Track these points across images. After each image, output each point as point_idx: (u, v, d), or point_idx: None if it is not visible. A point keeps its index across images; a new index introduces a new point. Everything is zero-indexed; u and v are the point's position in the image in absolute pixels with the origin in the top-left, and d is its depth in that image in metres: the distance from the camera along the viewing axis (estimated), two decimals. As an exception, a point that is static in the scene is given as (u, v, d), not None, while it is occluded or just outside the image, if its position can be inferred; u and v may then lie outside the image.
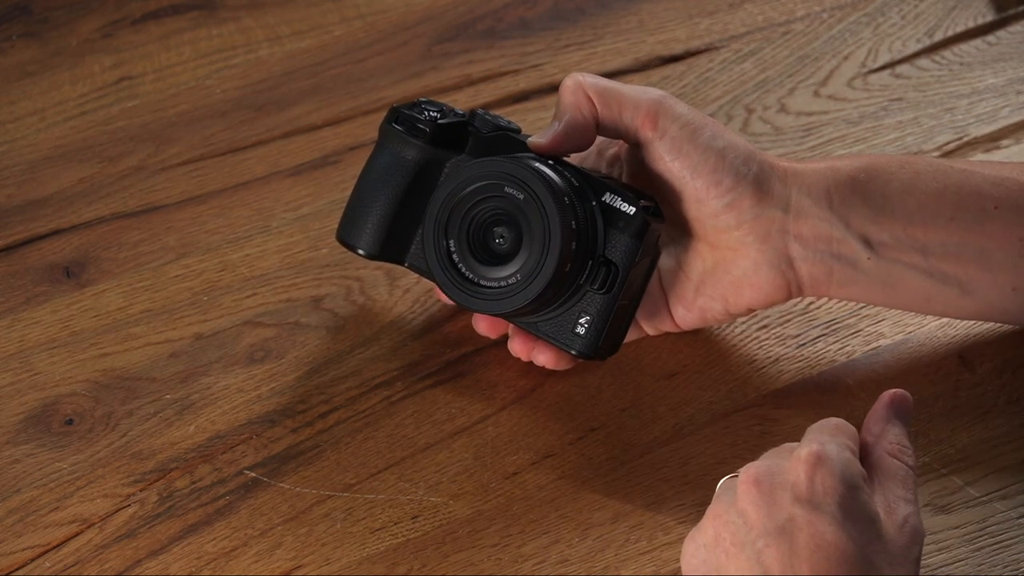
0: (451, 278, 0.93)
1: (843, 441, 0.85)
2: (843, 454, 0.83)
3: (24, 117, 1.15)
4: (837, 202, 0.94)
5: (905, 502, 0.84)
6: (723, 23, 1.22)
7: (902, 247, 0.95)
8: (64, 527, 0.92)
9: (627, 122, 0.94)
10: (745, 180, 0.94)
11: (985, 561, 0.91)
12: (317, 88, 1.17)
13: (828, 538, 0.80)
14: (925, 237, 0.94)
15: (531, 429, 0.96)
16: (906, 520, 0.83)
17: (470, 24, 1.22)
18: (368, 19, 1.22)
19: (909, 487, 0.85)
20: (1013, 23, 1.21)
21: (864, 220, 0.94)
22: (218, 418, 0.97)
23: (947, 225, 0.94)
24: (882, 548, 0.82)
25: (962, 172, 0.96)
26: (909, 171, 0.95)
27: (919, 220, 0.94)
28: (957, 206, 0.95)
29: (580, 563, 0.91)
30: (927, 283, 0.96)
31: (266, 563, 0.91)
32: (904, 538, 0.83)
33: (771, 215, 0.94)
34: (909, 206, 0.94)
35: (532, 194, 0.91)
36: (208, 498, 0.94)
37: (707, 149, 0.94)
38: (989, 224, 0.95)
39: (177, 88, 1.17)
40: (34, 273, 1.05)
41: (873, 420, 0.88)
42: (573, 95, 0.94)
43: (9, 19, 1.21)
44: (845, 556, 0.80)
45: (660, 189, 0.95)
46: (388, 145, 0.97)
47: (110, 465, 0.95)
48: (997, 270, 0.95)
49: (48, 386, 0.99)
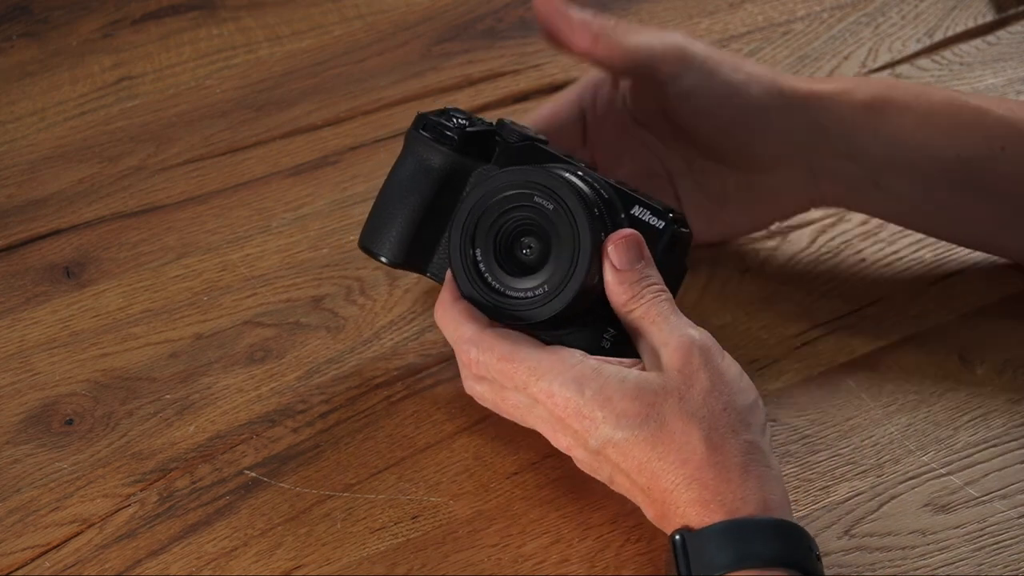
0: (476, 287, 0.91)
1: None
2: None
3: (24, 117, 1.15)
4: (854, 126, 0.98)
5: (666, 331, 0.87)
6: (723, 23, 1.22)
7: (909, 179, 0.98)
8: (64, 527, 0.92)
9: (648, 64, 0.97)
10: (768, 113, 0.97)
11: (985, 561, 0.91)
12: (317, 88, 1.17)
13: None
14: (930, 170, 0.98)
15: (531, 429, 0.96)
16: (681, 342, 0.86)
17: (470, 24, 1.22)
18: (368, 19, 1.22)
19: (661, 322, 0.88)
20: (1013, 23, 1.21)
21: (876, 153, 0.98)
22: (218, 418, 0.97)
23: (952, 163, 0.98)
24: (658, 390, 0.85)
25: (975, 111, 0.98)
26: (924, 104, 0.98)
27: (926, 154, 0.98)
28: (964, 145, 0.97)
29: (580, 563, 0.91)
30: (928, 207, 1.00)
31: (266, 563, 0.91)
32: (680, 356, 0.86)
33: (796, 142, 0.98)
34: (918, 139, 0.97)
35: (562, 204, 0.89)
36: (208, 498, 0.94)
37: (729, 84, 0.97)
38: (993, 163, 0.97)
39: (177, 88, 1.17)
40: (34, 273, 1.05)
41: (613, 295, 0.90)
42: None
43: (9, 19, 1.21)
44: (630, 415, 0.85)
45: (678, 119, 0.97)
46: (414, 151, 0.95)
47: (110, 465, 0.95)
48: (997, 204, 0.98)
49: (48, 386, 0.99)
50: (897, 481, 0.94)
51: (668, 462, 0.85)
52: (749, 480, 0.84)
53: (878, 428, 0.97)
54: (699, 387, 0.86)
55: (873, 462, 0.95)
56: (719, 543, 0.83)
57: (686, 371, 0.86)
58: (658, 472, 0.85)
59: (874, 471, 0.95)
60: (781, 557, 0.82)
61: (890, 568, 0.90)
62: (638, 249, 0.89)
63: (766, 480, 0.84)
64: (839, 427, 0.97)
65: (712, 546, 0.83)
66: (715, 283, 1.04)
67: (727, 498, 0.84)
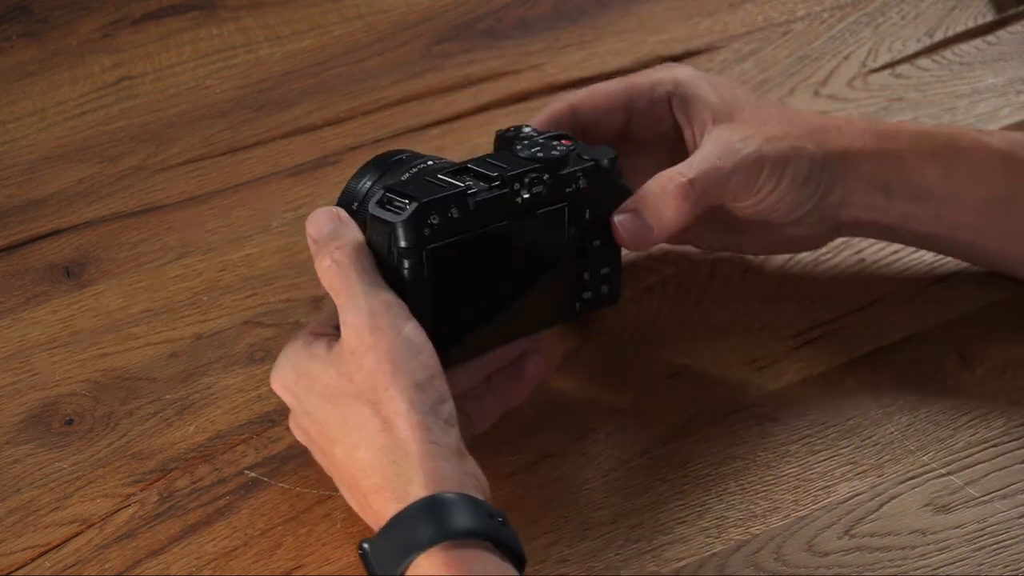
0: None
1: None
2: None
3: (24, 117, 1.15)
4: (884, 185, 0.98)
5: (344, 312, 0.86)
6: (723, 23, 1.22)
7: (930, 222, 0.99)
8: (64, 527, 0.92)
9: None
10: (808, 181, 0.97)
11: (985, 561, 0.91)
12: (317, 88, 1.17)
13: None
14: (957, 217, 0.99)
15: (531, 429, 0.96)
16: (356, 322, 0.85)
17: (470, 24, 1.22)
18: (368, 19, 1.22)
19: (341, 295, 0.87)
20: (1013, 23, 1.21)
21: (904, 201, 0.98)
22: (218, 418, 0.97)
23: (979, 207, 0.98)
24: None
25: (1002, 157, 0.98)
26: (952, 149, 0.98)
27: (953, 201, 0.98)
28: (991, 187, 0.98)
29: (580, 563, 0.91)
30: (954, 246, 1.02)
31: (266, 563, 0.91)
32: (353, 335, 0.85)
33: (827, 204, 0.98)
34: (947, 188, 0.98)
35: None
36: (208, 498, 0.94)
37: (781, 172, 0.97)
38: (1017, 206, 0.98)
39: (177, 88, 1.17)
40: (34, 273, 1.05)
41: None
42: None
43: (9, 19, 1.21)
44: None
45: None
46: None
47: (110, 465, 0.95)
48: (1020, 243, 1.00)
49: (48, 386, 0.99)
50: (897, 481, 0.94)
51: (346, 444, 0.85)
52: (416, 460, 0.82)
53: (878, 428, 0.97)
54: (368, 367, 0.84)
55: (873, 462, 0.95)
56: (388, 541, 0.81)
57: (360, 351, 0.85)
58: (341, 456, 0.85)
59: (874, 471, 0.95)
60: (439, 535, 0.80)
61: (890, 568, 0.90)
62: (325, 215, 0.89)
63: (434, 457, 0.82)
64: (839, 427, 0.97)
65: (384, 544, 0.81)
66: (716, 282, 1.04)
67: (395, 481, 0.82)
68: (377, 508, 0.83)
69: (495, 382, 0.93)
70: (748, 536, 0.92)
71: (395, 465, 0.82)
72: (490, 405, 0.93)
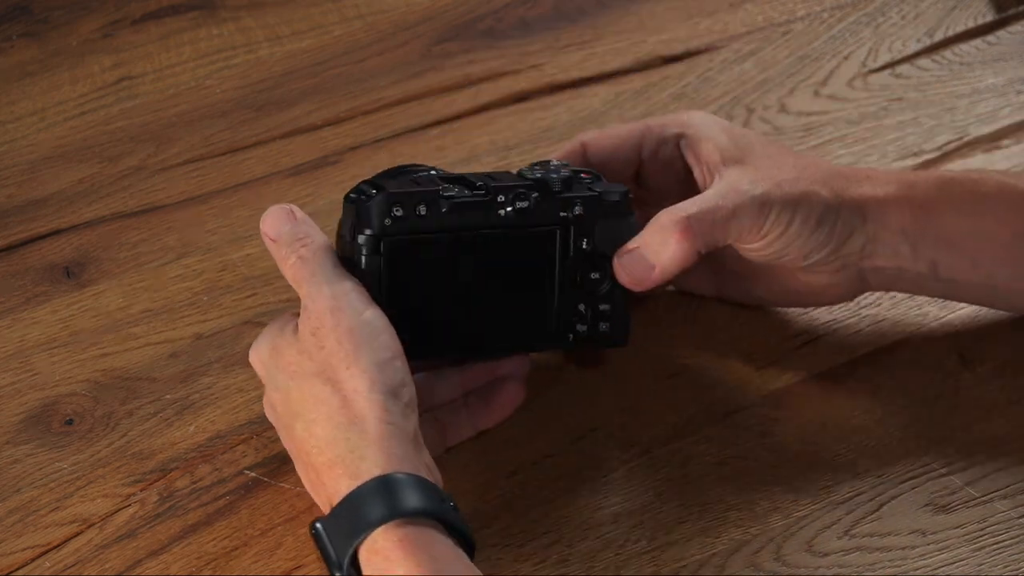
0: None
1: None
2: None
3: (24, 117, 1.15)
4: (910, 232, 0.95)
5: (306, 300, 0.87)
6: (723, 23, 1.22)
7: (965, 270, 0.96)
8: (64, 527, 0.92)
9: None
10: (821, 230, 0.94)
11: (985, 561, 0.91)
12: (317, 88, 1.17)
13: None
14: (987, 260, 0.96)
15: (531, 429, 0.96)
16: (316, 307, 0.86)
17: (470, 24, 1.22)
18: (368, 19, 1.22)
19: (303, 283, 0.88)
20: (1013, 23, 1.22)
21: (933, 249, 0.96)
22: (218, 418, 0.97)
23: (1009, 251, 0.96)
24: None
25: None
26: (977, 195, 0.96)
27: (984, 246, 0.96)
28: (1019, 228, 0.96)
29: (580, 563, 0.91)
30: (983, 293, 0.98)
31: (266, 563, 0.91)
32: (313, 319, 0.86)
33: (847, 251, 0.95)
34: (976, 234, 0.96)
35: None
36: (208, 498, 0.94)
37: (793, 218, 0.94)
38: None
39: (177, 88, 1.17)
40: (34, 273, 1.05)
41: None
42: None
43: (9, 19, 1.21)
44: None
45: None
46: None
47: (110, 465, 0.95)
48: None
49: (48, 386, 0.99)
50: (897, 481, 0.94)
51: (305, 419, 0.85)
52: (371, 439, 0.83)
53: (878, 428, 0.97)
54: (329, 346, 0.85)
55: (873, 462, 0.95)
56: (340, 519, 0.82)
57: (321, 331, 0.86)
58: (300, 433, 0.85)
59: (874, 471, 0.95)
60: (391, 514, 0.80)
61: (890, 568, 0.90)
62: (281, 214, 0.90)
63: (389, 437, 0.83)
64: (839, 427, 0.97)
65: (335, 522, 0.82)
66: (715, 283, 1.04)
67: (348, 458, 0.83)
68: (329, 485, 0.83)
69: (471, 400, 0.94)
70: (748, 536, 0.92)
71: (349, 442, 0.83)
72: (465, 420, 0.94)
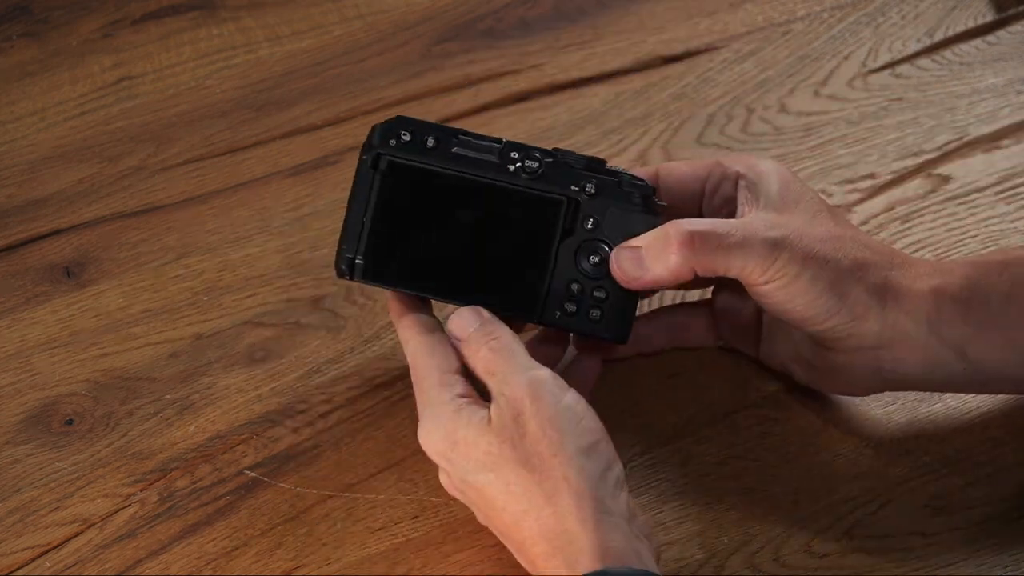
0: None
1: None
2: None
3: (24, 117, 1.15)
4: (937, 323, 0.92)
5: (496, 382, 0.87)
6: (723, 23, 1.22)
7: (997, 354, 0.93)
8: (64, 527, 0.92)
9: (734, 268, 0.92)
10: (831, 295, 0.91)
11: (985, 561, 0.91)
12: (317, 88, 1.17)
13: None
14: (1021, 340, 0.93)
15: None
16: (513, 393, 0.86)
17: (470, 24, 1.22)
18: (368, 19, 1.22)
19: (496, 371, 0.88)
20: (1013, 23, 1.21)
21: (963, 337, 0.92)
22: (218, 418, 0.97)
23: None
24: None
25: None
26: (1007, 278, 0.93)
27: (1017, 327, 0.92)
28: None
29: (580, 563, 0.91)
30: (1017, 379, 0.94)
31: (266, 563, 0.91)
32: (513, 406, 0.85)
33: (861, 332, 0.92)
34: (1010, 316, 0.92)
35: None
36: (208, 498, 0.94)
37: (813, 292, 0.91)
38: None
39: (177, 88, 1.17)
40: (34, 273, 1.05)
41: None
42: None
43: (9, 19, 1.21)
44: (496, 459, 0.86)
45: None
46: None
47: (110, 465, 0.95)
48: None
49: (48, 386, 0.99)
50: (897, 481, 0.94)
51: (512, 512, 0.85)
52: (587, 530, 0.83)
53: (878, 428, 0.97)
54: (532, 433, 0.85)
55: (873, 462, 0.95)
56: None
57: (522, 419, 0.85)
58: (508, 521, 0.85)
59: (874, 471, 0.95)
60: None
61: (890, 568, 0.90)
62: (470, 315, 0.91)
63: (605, 528, 0.83)
64: (839, 427, 0.97)
65: None
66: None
67: (566, 550, 0.83)
68: (548, 573, 0.83)
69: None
70: (747, 536, 0.92)
71: (565, 535, 0.83)
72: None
